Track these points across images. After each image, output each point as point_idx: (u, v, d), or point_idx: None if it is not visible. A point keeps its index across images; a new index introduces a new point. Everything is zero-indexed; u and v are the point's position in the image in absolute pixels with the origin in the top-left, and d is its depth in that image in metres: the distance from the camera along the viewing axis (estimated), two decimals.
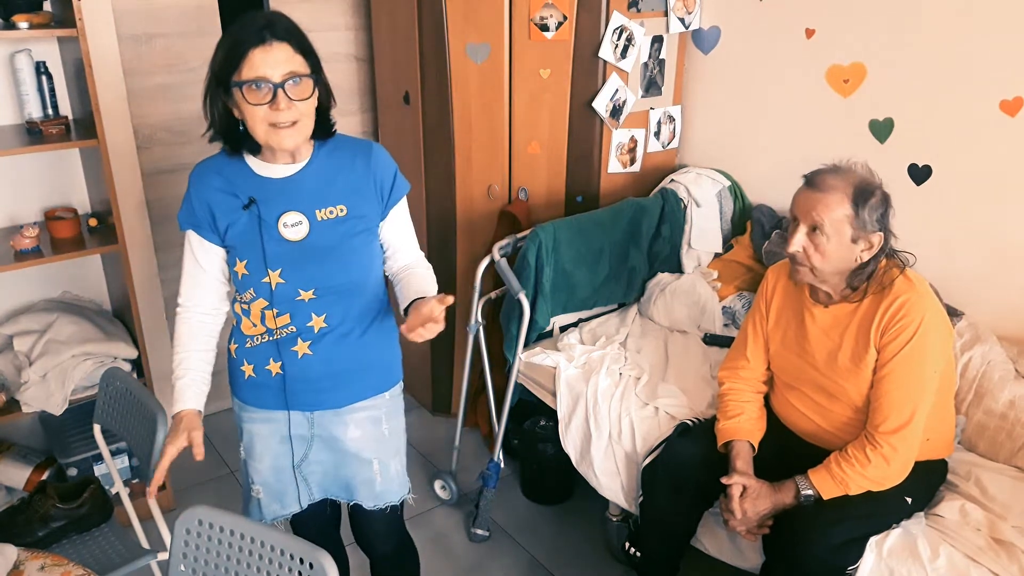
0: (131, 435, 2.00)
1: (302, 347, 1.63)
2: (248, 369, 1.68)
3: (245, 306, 1.63)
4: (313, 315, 1.61)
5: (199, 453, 1.56)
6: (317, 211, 1.57)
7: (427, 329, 1.48)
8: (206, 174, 1.58)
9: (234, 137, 1.53)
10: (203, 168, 1.60)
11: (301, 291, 1.58)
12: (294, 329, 1.61)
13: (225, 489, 2.85)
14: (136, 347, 2.57)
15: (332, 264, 1.58)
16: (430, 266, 1.75)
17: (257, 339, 1.65)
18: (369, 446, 1.74)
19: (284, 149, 1.52)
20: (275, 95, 1.43)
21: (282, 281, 1.57)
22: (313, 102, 1.49)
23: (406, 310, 1.61)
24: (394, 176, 1.65)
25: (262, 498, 1.76)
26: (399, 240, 1.71)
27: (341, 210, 1.58)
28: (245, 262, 1.57)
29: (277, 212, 1.55)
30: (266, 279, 1.57)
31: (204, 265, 1.62)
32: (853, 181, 1.77)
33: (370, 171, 1.62)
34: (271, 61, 1.41)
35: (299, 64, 1.45)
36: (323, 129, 1.57)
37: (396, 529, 1.89)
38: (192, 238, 1.61)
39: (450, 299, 1.50)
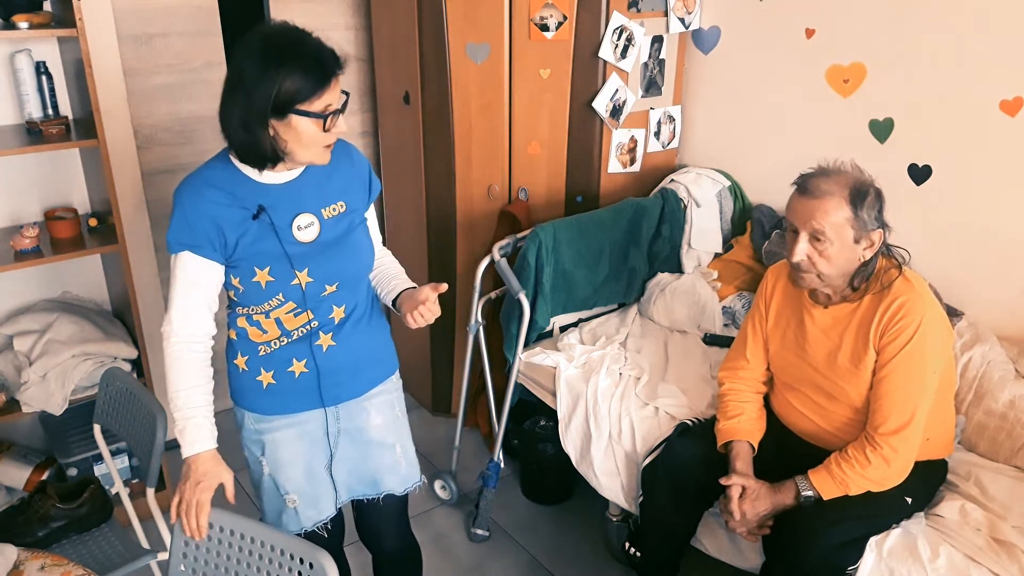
0: (131, 435, 2.00)
1: (325, 340, 1.66)
2: (267, 377, 1.66)
3: (258, 316, 1.62)
4: (334, 307, 1.66)
5: (231, 497, 1.59)
6: (323, 210, 1.61)
7: (422, 313, 1.59)
8: (203, 190, 1.53)
9: (270, 155, 1.50)
10: (196, 185, 1.54)
11: (327, 286, 1.63)
12: (316, 324, 1.64)
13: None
14: (136, 347, 2.57)
15: (346, 256, 1.64)
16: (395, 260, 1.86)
17: (274, 344, 1.65)
18: (391, 431, 1.79)
19: (325, 163, 1.56)
20: (335, 121, 1.50)
21: (311, 280, 1.60)
22: None
23: (394, 303, 1.72)
24: (370, 170, 1.73)
25: (299, 506, 1.73)
26: (372, 233, 1.77)
27: (341, 206, 1.64)
28: (267, 269, 1.56)
29: (289, 216, 1.57)
30: (295, 281, 1.59)
31: (203, 286, 1.56)
32: (847, 182, 1.76)
33: (354, 168, 1.69)
34: (336, 90, 1.48)
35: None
36: None
37: (404, 524, 1.92)
38: (186, 260, 1.54)
39: (444, 287, 1.61)
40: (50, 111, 2.47)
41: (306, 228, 1.59)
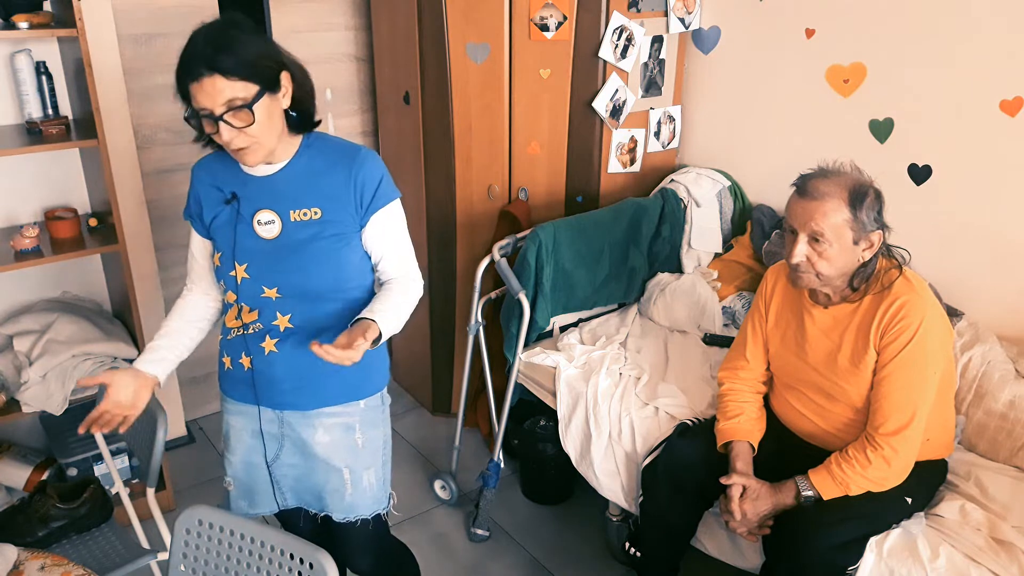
0: (131, 435, 2.00)
1: (269, 344, 1.64)
2: (227, 361, 1.71)
3: (225, 298, 1.69)
4: (278, 314, 1.61)
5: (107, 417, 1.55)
6: (291, 212, 1.57)
7: (327, 350, 1.40)
8: (199, 170, 1.66)
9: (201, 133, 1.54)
10: (199, 164, 1.67)
11: (265, 288, 1.60)
12: (261, 326, 1.63)
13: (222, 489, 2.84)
14: (136, 347, 2.56)
15: (297, 265, 1.57)
16: (411, 287, 1.67)
17: (234, 332, 1.67)
18: (339, 454, 1.70)
19: (249, 166, 1.55)
20: (218, 127, 1.44)
21: (247, 276, 1.59)
22: (266, 122, 1.47)
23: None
24: (378, 184, 1.60)
25: (232, 491, 1.79)
26: (381, 251, 1.65)
27: (316, 213, 1.57)
28: (219, 255, 1.63)
29: (254, 209, 1.59)
30: (233, 272, 1.61)
31: (197, 255, 1.71)
32: (846, 184, 1.76)
33: (350, 178, 1.58)
34: (208, 93, 1.41)
35: (239, 90, 1.41)
36: (303, 124, 1.58)
37: (372, 544, 1.82)
38: (191, 230, 1.71)
39: (370, 342, 1.46)
40: (50, 111, 2.47)
41: (266, 224, 1.58)
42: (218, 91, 1.40)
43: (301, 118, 1.57)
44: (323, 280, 1.60)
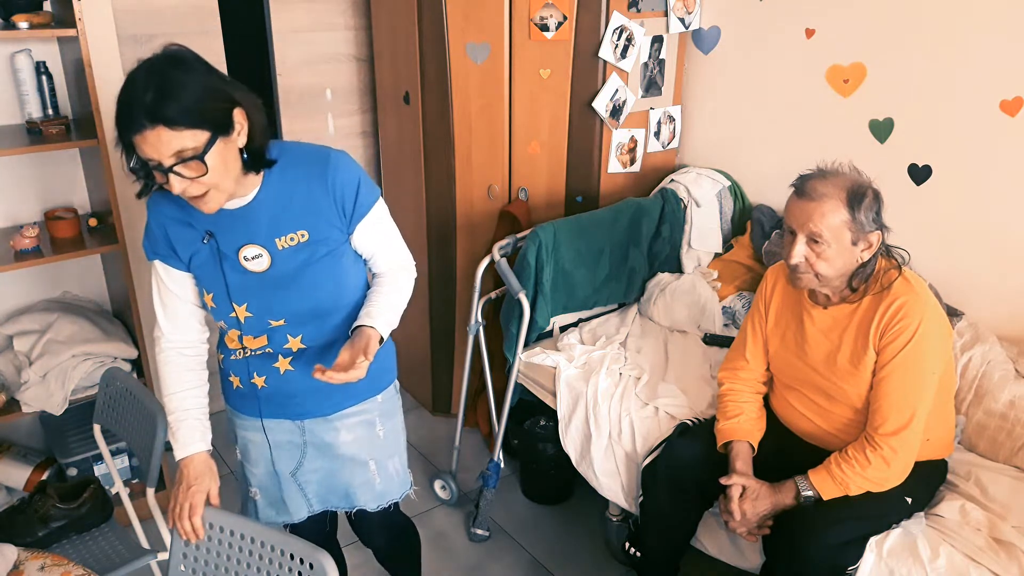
0: (131, 435, 2.00)
1: (283, 363, 1.61)
2: (235, 380, 1.67)
3: (222, 327, 1.62)
4: (289, 337, 1.58)
5: (216, 501, 1.57)
6: (277, 240, 1.49)
7: (334, 378, 1.41)
8: (162, 203, 1.51)
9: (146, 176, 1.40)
10: (159, 196, 1.50)
11: (271, 321, 1.55)
12: (271, 350, 1.60)
13: (225, 489, 2.83)
14: (136, 347, 2.57)
15: (297, 293, 1.53)
16: (404, 276, 1.67)
17: (239, 353, 1.62)
18: (364, 448, 1.73)
19: (208, 212, 1.41)
20: (168, 178, 1.32)
21: (250, 315, 1.54)
22: (221, 168, 1.35)
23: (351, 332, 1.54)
24: (356, 188, 1.52)
25: (259, 501, 1.77)
26: (372, 249, 1.62)
27: (303, 235, 1.50)
28: (212, 295, 1.54)
29: (236, 245, 1.49)
30: (233, 313, 1.54)
31: (177, 292, 1.56)
32: (845, 185, 1.76)
33: (327, 189, 1.50)
34: (153, 146, 1.28)
35: (188, 139, 1.29)
36: (256, 164, 1.45)
37: (395, 521, 1.90)
38: (159, 267, 1.55)
39: (372, 357, 1.46)
40: (50, 111, 2.47)
41: (254, 259, 1.49)
42: (164, 143, 1.27)
43: (253, 159, 1.43)
44: (327, 298, 1.57)
